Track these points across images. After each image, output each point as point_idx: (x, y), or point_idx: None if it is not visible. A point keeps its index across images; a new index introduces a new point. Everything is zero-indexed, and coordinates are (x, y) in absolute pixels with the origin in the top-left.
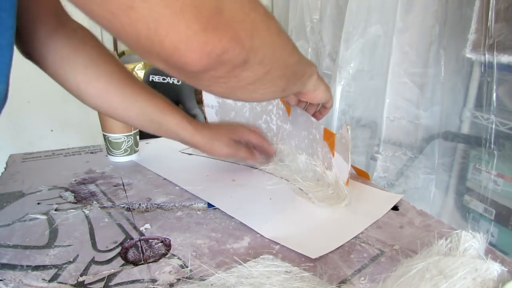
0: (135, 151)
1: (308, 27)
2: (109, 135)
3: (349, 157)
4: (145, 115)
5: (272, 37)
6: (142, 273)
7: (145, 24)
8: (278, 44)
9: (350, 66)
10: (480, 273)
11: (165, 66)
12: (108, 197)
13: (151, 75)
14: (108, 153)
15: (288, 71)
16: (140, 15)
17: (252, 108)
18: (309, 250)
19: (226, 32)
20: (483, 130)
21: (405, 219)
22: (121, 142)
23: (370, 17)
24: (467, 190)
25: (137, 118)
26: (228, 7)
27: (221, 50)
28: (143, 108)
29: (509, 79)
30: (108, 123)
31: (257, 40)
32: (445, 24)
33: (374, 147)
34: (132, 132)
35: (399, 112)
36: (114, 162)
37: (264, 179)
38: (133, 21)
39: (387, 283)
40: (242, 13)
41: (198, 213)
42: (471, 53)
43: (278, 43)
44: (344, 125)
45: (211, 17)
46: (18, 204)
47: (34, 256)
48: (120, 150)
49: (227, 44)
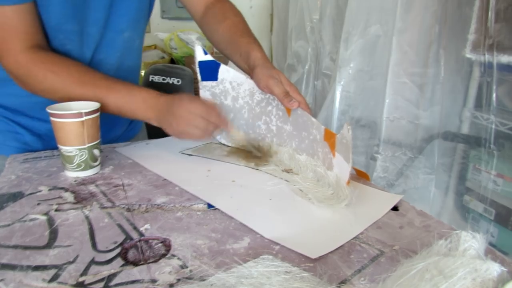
0: (91, 166)
1: (308, 27)
2: (61, 147)
3: (350, 157)
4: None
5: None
6: (142, 274)
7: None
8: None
9: (350, 66)
10: (480, 274)
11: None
12: (108, 198)
13: (151, 75)
14: (63, 168)
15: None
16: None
17: (250, 109)
18: (309, 250)
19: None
20: (482, 130)
21: (405, 220)
22: (73, 156)
23: (370, 17)
24: (467, 190)
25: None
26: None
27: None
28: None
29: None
30: (60, 133)
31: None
32: (445, 24)
33: (374, 147)
34: (86, 145)
35: (398, 112)
36: (114, 162)
37: (264, 180)
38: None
39: (387, 283)
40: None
41: (198, 214)
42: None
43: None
44: (345, 125)
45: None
46: (18, 204)
47: (34, 256)
48: (72, 164)
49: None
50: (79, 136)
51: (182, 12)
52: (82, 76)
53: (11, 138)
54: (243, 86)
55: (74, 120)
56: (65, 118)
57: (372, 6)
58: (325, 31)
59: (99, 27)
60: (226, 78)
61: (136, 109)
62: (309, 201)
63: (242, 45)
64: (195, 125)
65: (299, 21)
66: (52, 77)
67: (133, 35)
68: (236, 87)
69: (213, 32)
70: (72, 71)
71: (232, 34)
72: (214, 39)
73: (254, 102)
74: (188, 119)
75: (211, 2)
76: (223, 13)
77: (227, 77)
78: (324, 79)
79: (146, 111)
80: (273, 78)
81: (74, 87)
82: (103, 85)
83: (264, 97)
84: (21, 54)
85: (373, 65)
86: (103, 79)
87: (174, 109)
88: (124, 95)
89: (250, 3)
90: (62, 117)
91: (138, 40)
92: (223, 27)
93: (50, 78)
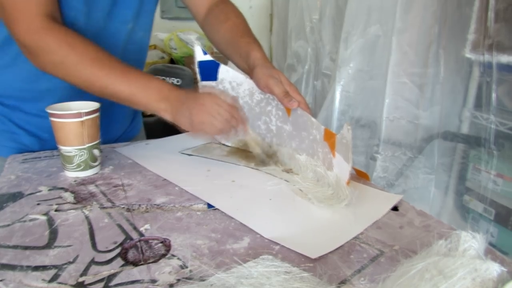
0: (91, 166)
1: (308, 27)
2: (60, 147)
3: (350, 157)
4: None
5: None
6: (142, 274)
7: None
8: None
9: (350, 66)
10: (480, 273)
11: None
12: (108, 198)
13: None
14: (63, 168)
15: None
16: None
17: (250, 109)
18: (309, 250)
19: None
20: (482, 130)
21: (405, 220)
22: (73, 156)
23: (369, 17)
24: (466, 190)
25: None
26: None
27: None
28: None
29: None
30: (59, 134)
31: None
32: (445, 24)
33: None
34: (85, 145)
35: (398, 112)
36: (114, 162)
37: (264, 180)
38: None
39: (387, 283)
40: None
41: (198, 214)
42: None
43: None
44: (345, 125)
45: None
46: (18, 204)
47: (34, 256)
48: (72, 164)
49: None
50: (79, 136)
51: (182, 12)
52: (98, 55)
53: (8, 138)
54: (242, 86)
55: (73, 120)
56: (64, 118)
57: (371, 6)
58: (324, 31)
59: (104, 14)
60: (226, 78)
61: (149, 99)
62: (309, 201)
63: (242, 45)
64: (219, 114)
65: (299, 21)
66: (67, 49)
67: (135, 26)
68: (236, 87)
69: (215, 33)
70: (89, 47)
71: (233, 35)
72: (215, 40)
73: (254, 102)
74: (211, 107)
75: (214, 3)
76: (225, 14)
77: (227, 77)
78: (324, 79)
79: (160, 102)
80: (273, 78)
81: (87, 65)
82: (118, 68)
83: (263, 97)
84: (36, 19)
85: (373, 65)
86: (119, 63)
87: (196, 99)
88: (139, 82)
89: (249, 3)
90: (61, 117)
91: (141, 32)
92: (225, 28)
93: (64, 50)
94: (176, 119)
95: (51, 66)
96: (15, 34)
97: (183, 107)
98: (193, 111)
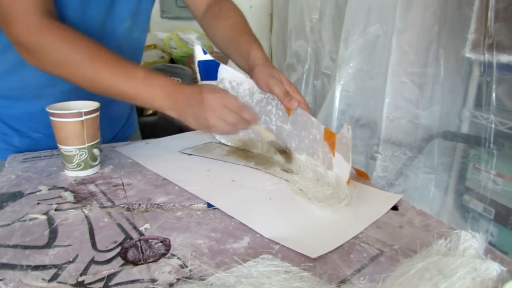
0: (91, 165)
1: (308, 27)
2: (61, 146)
3: (350, 157)
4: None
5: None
6: (141, 273)
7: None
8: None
9: (350, 66)
10: (480, 273)
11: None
12: (108, 197)
13: None
14: (63, 167)
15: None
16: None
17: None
18: (308, 249)
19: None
20: (482, 129)
21: (405, 219)
22: (73, 156)
23: (369, 17)
24: (466, 190)
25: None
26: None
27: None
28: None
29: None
30: (59, 133)
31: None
32: (445, 23)
33: (374, 147)
34: (85, 145)
35: (398, 111)
36: (114, 162)
37: (264, 179)
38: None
39: (387, 283)
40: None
41: (198, 213)
42: (471, 53)
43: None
44: (345, 125)
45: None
46: (18, 204)
47: (33, 256)
48: (72, 163)
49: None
50: (79, 136)
51: (182, 11)
52: (100, 53)
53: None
54: (242, 85)
55: (74, 120)
56: (65, 117)
57: (371, 6)
58: (324, 31)
59: (101, 11)
60: (226, 77)
61: (154, 96)
62: (309, 201)
63: (242, 45)
64: (226, 119)
65: (299, 20)
66: (68, 47)
67: (132, 25)
68: (236, 87)
69: (214, 31)
70: (90, 46)
71: (233, 33)
72: (214, 38)
73: (254, 102)
74: (219, 112)
75: (213, 1)
76: (224, 12)
77: (227, 77)
78: (323, 78)
79: (164, 100)
80: (273, 78)
81: (89, 64)
82: (121, 66)
83: (263, 96)
84: (35, 16)
85: (373, 64)
86: (121, 60)
87: (203, 101)
88: (143, 80)
89: (250, 3)
90: (62, 116)
91: (138, 31)
92: (224, 26)
93: (66, 48)
94: (182, 117)
95: (52, 65)
96: (12, 34)
97: (188, 107)
98: (200, 114)
